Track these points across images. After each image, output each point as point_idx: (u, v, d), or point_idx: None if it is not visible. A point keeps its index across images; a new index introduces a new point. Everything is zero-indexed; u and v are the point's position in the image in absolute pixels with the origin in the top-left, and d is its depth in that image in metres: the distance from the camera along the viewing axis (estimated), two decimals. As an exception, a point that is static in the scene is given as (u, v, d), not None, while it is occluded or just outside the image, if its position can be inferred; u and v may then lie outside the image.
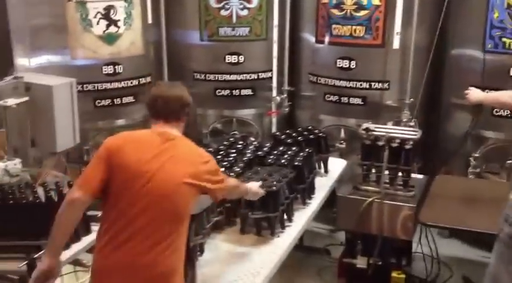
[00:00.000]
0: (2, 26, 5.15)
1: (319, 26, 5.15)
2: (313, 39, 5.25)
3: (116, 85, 5.07)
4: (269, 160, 3.85)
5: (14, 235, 2.95)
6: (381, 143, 3.94)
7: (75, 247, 3.06)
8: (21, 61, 5.08)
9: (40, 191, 3.14)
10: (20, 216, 2.98)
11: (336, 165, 4.56)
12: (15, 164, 3.44)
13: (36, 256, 2.84)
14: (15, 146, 3.58)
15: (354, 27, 4.94)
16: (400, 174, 4.00)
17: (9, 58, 5.20)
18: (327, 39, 5.11)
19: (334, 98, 5.15)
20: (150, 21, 5.20)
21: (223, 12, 5.26)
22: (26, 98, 3.56)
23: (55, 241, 2.51)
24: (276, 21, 5.25)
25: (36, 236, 2.93)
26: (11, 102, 3.48)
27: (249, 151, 4.08)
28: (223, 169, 3.66)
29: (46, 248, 2.55)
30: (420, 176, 4.41)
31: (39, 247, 2.90)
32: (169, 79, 5.41)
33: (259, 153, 4.05)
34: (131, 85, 5.16)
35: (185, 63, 5.50)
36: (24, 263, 2.81)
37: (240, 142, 4.31)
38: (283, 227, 3.50)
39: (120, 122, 5.19)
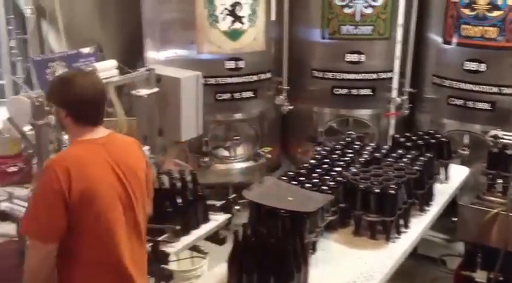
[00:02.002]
0: (135, 21, 5.49)
1: (448, 26, 4.93)
2: (439, 39, 5.05)
3: (236, 80, 5.21)
4: (387, 163, 3.76)
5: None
6: (509, 152, 3.75)
7: (195, 233, 3.18)
8: (151, 54, 5.39)
9: (165, 178, 3.30)
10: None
11: (457, 172, 4.35)
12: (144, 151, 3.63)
13: (159, 239, 3.00)
14: (144, 134, 3.79)
15: (485, 28, 4.68)
16: (529, 186, 3.75)
17: (140, 51, 5.53)
18: (455, 39, 4.90)
19: (459, 102, 4.93)
20: (273, 18, 5.28)
21: (346, 10, 5.21)
22: (156, 89, 3.75)
23: None
24: (400, 20, 5.11)
25: (161, 220, 3.09)
26: (143, 92, 3.69)
27: (366, 152, 4.01)
28: (339, 169, 3.64)
29: None
30: (552, 190, 4.09)
31: (162, 230, 3.07)
32: (289, 76, 5.45)
33: (377, 154, 3.96)
34: (251, 80, 5.28)
35: (305, 60, 5.52)
36: (149, 245, 2.97)
37: (357, 142, 4.25)
38: (399, 232, 3.40)
39: (238, 116, 5.33)
